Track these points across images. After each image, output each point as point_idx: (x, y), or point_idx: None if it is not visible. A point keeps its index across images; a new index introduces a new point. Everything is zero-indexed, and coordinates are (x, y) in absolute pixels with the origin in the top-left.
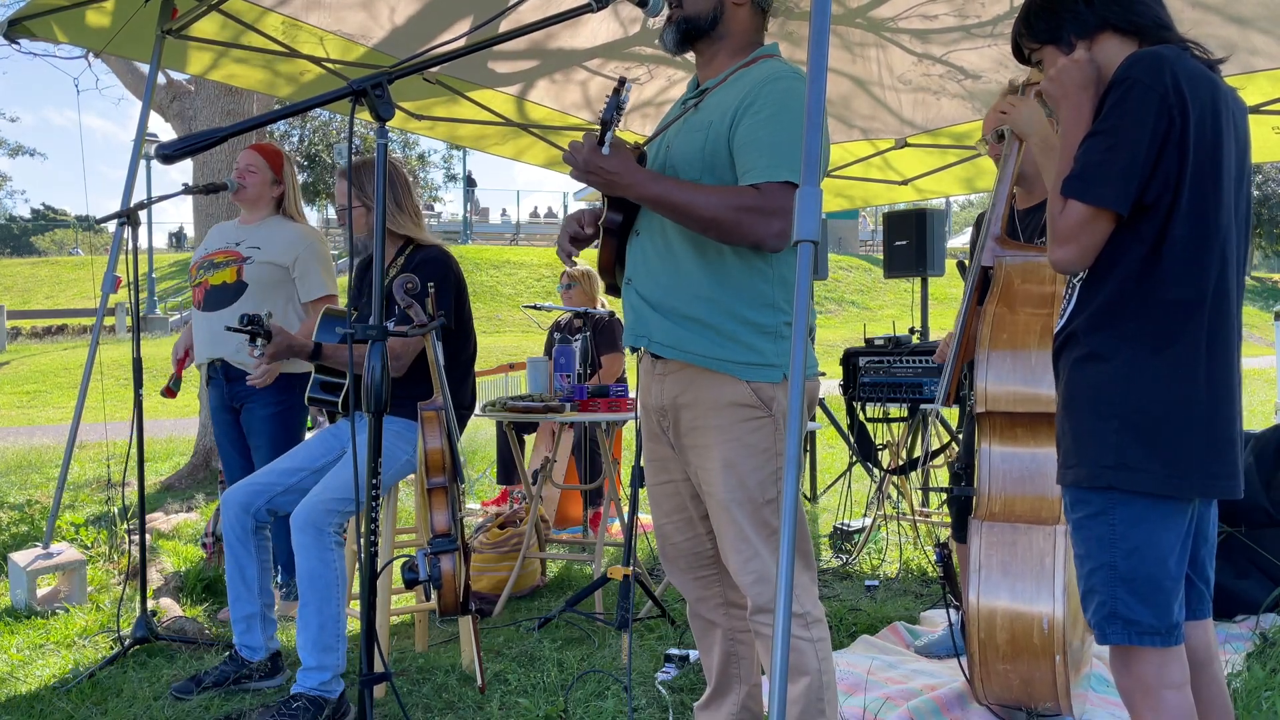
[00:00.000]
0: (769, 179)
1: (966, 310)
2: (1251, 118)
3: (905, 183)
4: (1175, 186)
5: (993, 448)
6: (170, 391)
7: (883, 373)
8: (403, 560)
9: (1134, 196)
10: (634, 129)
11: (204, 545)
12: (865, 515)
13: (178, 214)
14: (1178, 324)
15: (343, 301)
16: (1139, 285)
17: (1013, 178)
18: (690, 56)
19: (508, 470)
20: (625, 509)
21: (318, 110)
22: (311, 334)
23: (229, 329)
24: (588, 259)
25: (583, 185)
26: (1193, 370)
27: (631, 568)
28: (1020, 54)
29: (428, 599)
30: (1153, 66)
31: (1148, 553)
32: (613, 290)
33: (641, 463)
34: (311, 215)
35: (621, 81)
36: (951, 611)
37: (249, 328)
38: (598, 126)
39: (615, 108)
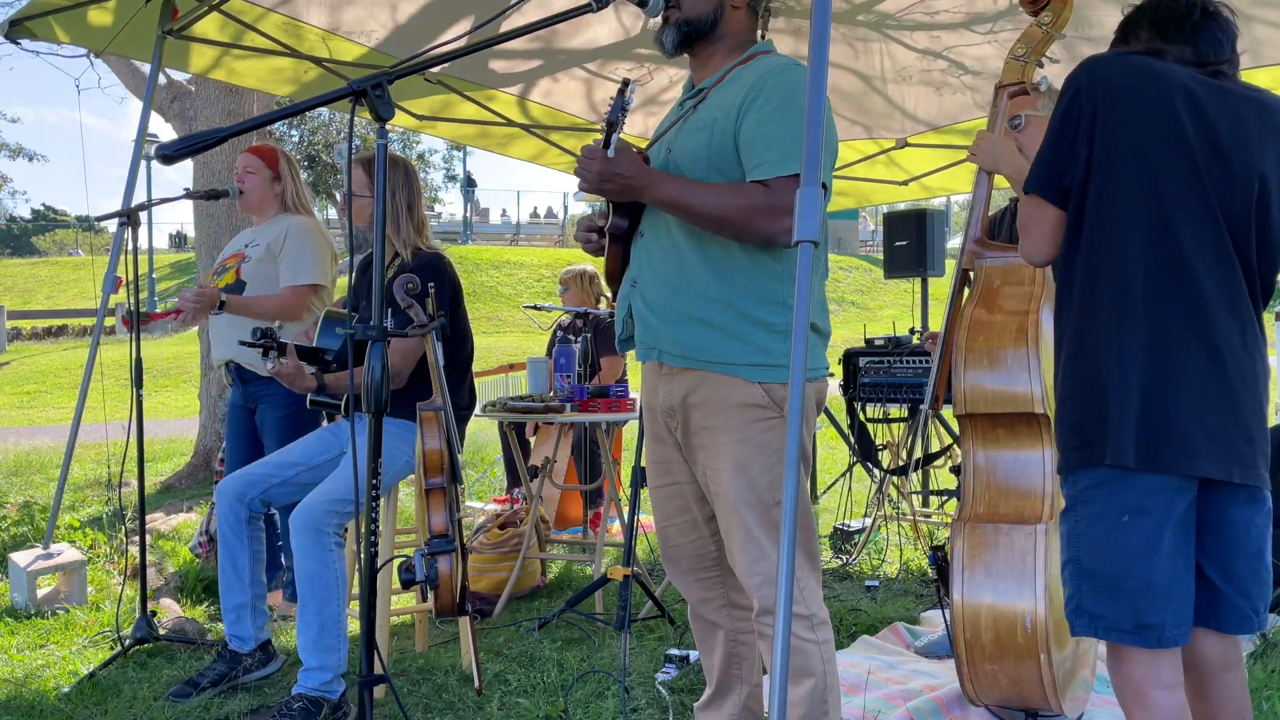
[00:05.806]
0: (778, 174)
1: (950, 313)
2: None
3: (906, 182)
4: (1084, 171)
5: (975, 450)
6: (127, 322)
7: (883, 373)
8: (400, 561)
9: (1052, 183)
10: (639, 122)
11: (200, 545)
12: (865, 516)
13: (178, 215)
14: (1103, 305)
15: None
16: (1079, 271)
17: (991, 180)
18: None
19: (515, 474)
20: (625, 509)
21: (317, 110)
22: (312, 341)
23: (242, 343)
24: (586, 260)
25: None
26: (1109, 352)
27: (631, 568)
28: None
29: (425, 600)
30: (1077, 69)
31: (1109, 549)
32: None
33: (643, 463)
34: None
35: (625, 83)
36: (947, 614)
37: (261, 341)
38: (600, 126)
39: (620, 109)
